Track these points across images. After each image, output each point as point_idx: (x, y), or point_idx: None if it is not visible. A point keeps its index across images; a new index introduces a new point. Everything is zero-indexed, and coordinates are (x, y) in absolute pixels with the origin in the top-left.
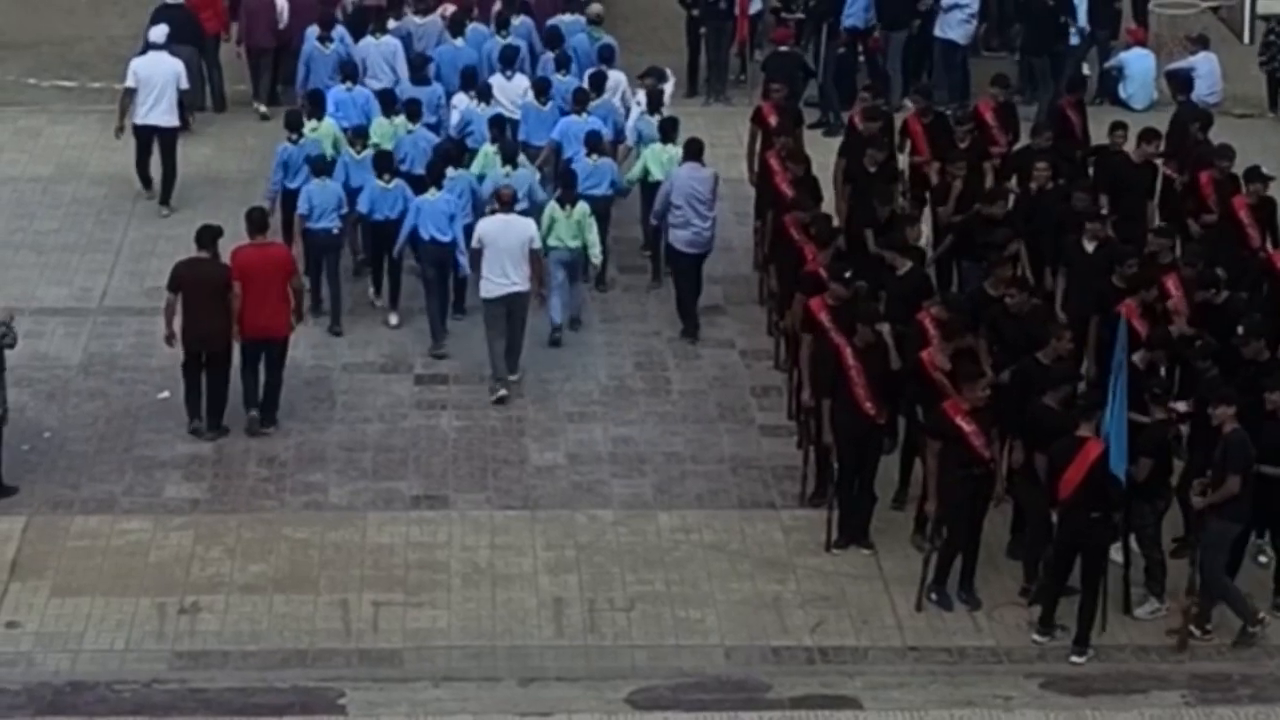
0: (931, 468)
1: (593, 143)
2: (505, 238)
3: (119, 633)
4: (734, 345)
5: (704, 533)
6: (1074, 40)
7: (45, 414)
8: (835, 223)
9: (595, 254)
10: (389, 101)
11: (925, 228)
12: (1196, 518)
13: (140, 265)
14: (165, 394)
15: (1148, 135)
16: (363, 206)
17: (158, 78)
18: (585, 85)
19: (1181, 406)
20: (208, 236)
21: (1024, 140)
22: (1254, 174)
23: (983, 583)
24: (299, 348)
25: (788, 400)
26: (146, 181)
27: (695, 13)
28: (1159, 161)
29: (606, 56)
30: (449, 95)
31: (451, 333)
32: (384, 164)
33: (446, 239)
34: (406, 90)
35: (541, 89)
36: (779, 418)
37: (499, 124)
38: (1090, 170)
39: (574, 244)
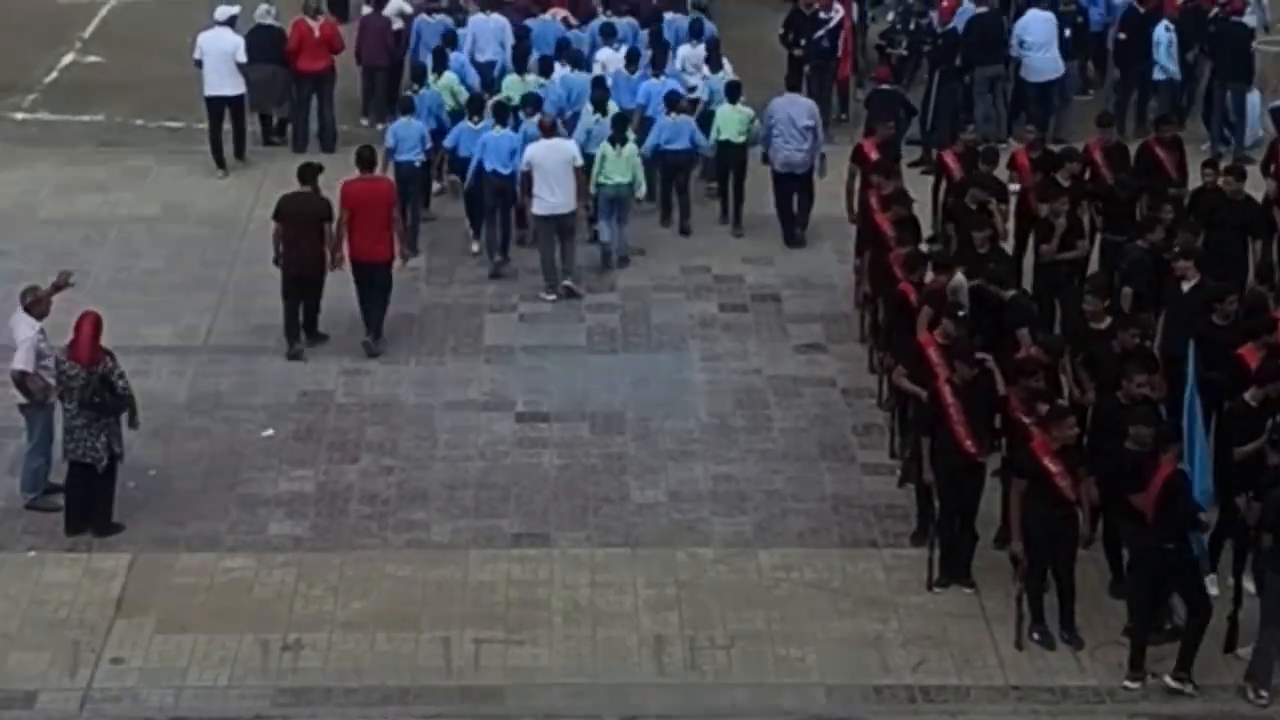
0: (1014, 505)
1: (672, 101)
2: (550, 159)
3: (222, 669)
4: (835, 384)
5: (805, 571)
6: (1164, 75)
7: (150, 452)
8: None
9: (641, 191)
10: (521, 59)
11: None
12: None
13: (245, 304)
14: (269, 432)
15: (1214, 166)
16: (448, 141)
17: (218, 52)
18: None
19: None
20: (309, 173)
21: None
22: None
23: (1085, 621)
24: (401, 385)
25: (889, 439)
26: (219, 151)
27: (798, 52)
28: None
29: (697, 31)
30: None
31: (546, 370)
32: (475, 107)
33: (507, 171)
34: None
35: (632, 59)
36: (881, 456)
37: (600, 84)
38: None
39: (623, 180)
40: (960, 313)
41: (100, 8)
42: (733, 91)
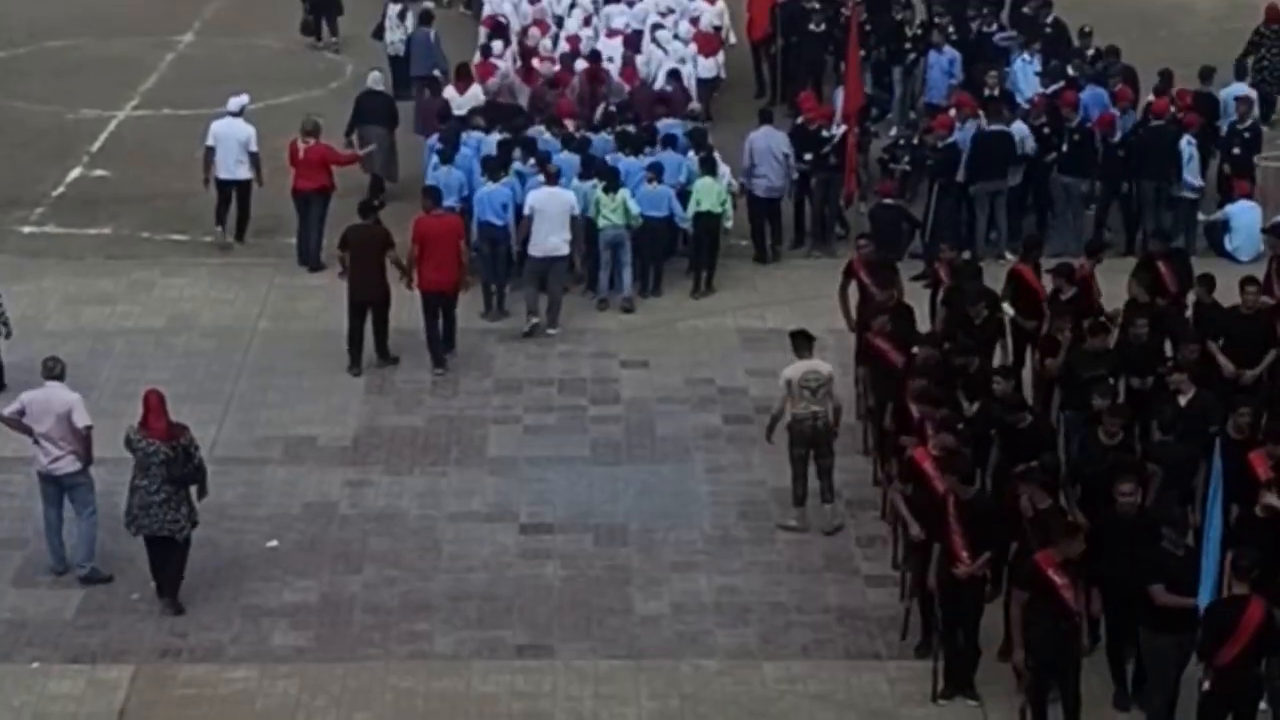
0: (1016, 617)
1: (653, 173)
2: (551, 205)
3: None
4: (840, 495)
5: (809, 683)
6: (1191, 192)
7: None
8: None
9: (635, 217)
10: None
11: None
12: None
13: (250, 415)
14: (274, 543)
15: (1250, 282)
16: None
17: (230, 139)
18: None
19: None
20: (368, 208)
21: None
22: None
23: None
24: (404, 496)
25: (892, 550)
26: (222, 221)
27: (803, 166)
28: None
29: (698, 139)
30: None
31: (550, 481)
32: (489, 168)
33: (500, 222)
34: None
35: (628, 140)
36: (884, 568)
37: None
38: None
39: (619, 220)
40: (960, 425)
41: (109, 122)
42: (710, 165)
